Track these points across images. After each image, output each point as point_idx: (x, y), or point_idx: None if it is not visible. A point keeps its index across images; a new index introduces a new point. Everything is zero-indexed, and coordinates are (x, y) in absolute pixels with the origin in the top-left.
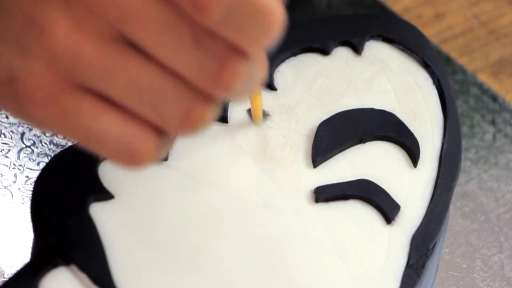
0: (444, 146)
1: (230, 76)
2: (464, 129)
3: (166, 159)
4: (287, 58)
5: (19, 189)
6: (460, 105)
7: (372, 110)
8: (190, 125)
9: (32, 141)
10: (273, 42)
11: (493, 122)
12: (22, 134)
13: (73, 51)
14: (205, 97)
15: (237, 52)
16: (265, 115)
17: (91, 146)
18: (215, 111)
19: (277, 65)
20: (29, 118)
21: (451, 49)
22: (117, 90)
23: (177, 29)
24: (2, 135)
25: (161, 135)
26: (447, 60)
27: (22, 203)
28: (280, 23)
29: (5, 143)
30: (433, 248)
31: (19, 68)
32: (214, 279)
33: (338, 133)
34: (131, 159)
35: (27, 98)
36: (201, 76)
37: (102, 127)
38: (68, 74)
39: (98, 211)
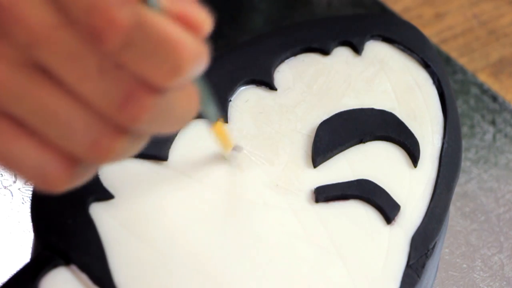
0: (444, 146)
1: (136, 109)
2: (464, 129)
3: (166, 159)
4: (287, 58)
5: (19, 189)
6: (460, 105)
7: (372, 110)
8: (99, 155)
9: None
10: (191, 75)
11: (493, 122)
12: None
13: None
14: (116, 128)
15: (145, 86)
16: (238, 148)
17: (8, 169)
18: (132, 143)
19: (277, 65)
20: None
21: (451, 49)
22: (27, 116)
23: (83, 57)
24: None
25: (75, 162)
26: (447, 60)
27: (22, 203)
28: (194, 58)
29: None
30: (433, 248)
31: None
32: (214, 279)
33: (338, 133)
34: (45, 184)
35: None
36: (106, 106)
37: (16, 152)
38: None
39: (98, 211)
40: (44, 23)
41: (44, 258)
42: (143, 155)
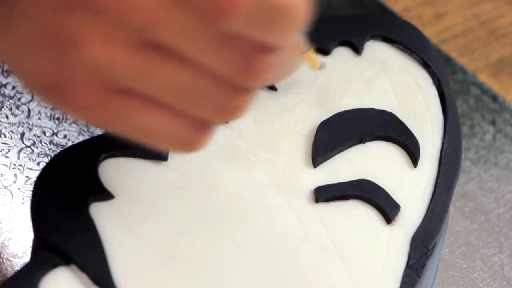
0: (444, 146)
1: (258, 71)
2: (464, 129)
3: (166, 159)
4: None
5: (19, 189)
6: (460, 105)
7: (372, 110)
8: (231, 115)
9: (32, 141)
10: (300, 30)
11: (493, 122)
12: (22, 134)
13: (106, 60)
14: (240, 89)
15: (263, 48)
16: (323, 64)
17: (146, 141)
18: (253, 96)
19: None
20: (81, 118)
21: (451, 49)
22: (155, 92)
23: (201, 33)
24: (2, 135)
25: (208, 125)
26: (447, 60)
27: (22, 203)
28: (303, 14)
29: (5, 143)
30: (433, 248)
31: (61, 76)
32: (214, 279)
33: (338, 133)
34: (185, 148)
35: (75, 104)
36: (230, 72)
37: (152, 125)
38: (108, 81)
39: (98, 211)
40: (159, 7)
41: (44, 258)
42: (143, 155)
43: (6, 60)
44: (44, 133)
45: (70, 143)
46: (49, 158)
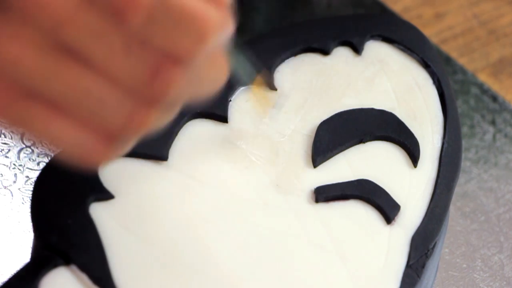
0: (444, 146)
1: (164, 83)
2: (464, 129)
3: (166, 159)
4: (287, 58)
5: (19, 189)
6: (460, 105)
7: (372, 110)
8: (134, 128)
9: (32, 141)
10: (214, 45)
11: (493, 122)
12: (22, 134)
13: (12, 59)
14: (147, 102)
15: (170, 59)
16: (278, 106)
17: (51, 147)
18: (164, 113)
19: (277, 65)
20: None
21: (451, 49)
22: (59, 97)
23: (107, 35)
24: (2, 135)
25: (112, 138)
26: (447, 60)
27: (22, 203)
28: (216, 27)
29: (5, 143)
30: (433, 248)
31: None
32: (214, 279)
33: (338, 133)
34: (86, 160)
35: None
36: (135, 82)
37: (54, 132)
38: (13, 82)
39: (98, 211)
40: (66, 5)
41: (44, 258)
42: (143, 155)
43: None
44: None
45: None
46: (49, 158)
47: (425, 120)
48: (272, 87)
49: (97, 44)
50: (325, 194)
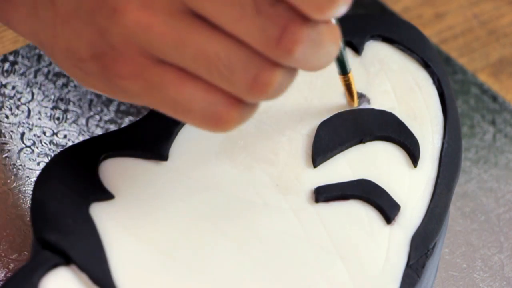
0: (444, 146)
1: (291, 42)
2: (464, 129)
3: (166, 159)
4: None
5: (19, 189)
6: (460, 105)
7: (372, 110)
8: (260, 90)
9: (32, 141)
10: (340, 10)
11: (493, 122)
12: (22, 134)
13: (143, 26)
14: (272, 63)
15: (299, 18)
16: (361, 96)
17: (177, 115)
18: (287, 77)
19: None
20: (116, 91)
21: (451, 49)
22: (188, 61)
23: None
24: (2, 135)
25: (240, 101)
26: (447, 60)
27: (23, 203)
28: None
29: (5, 143)
30: (433, 248)
31: (101, 45)
32: (214, 279)
33: (338, 133)
34: (217, 125)
35: (114, 72)
36: (263, 42)
37: (185, 97)
38: (145, 49)
39: (98, 211)
40: None
41: (44, 258)
42: (143, 155)
43: (43, 41)
44: (44, 133)
45: (70, 143)
46: (49, 158)
47: (425, 120)
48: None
49: (228, 6)
50: (325, 194)
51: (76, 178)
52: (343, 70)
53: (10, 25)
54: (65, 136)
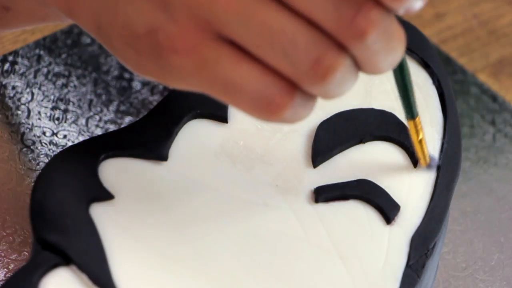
0: (444, 146)
1: (364, 24)
2: (464, 129)
3: (166, 159)
4: None
5: (19, 189)
6: (460, 105)
7: (372, 110)
8: (320, 73)
9: (32, 141)
10: (414, 4)
11: (493, 122)
12: (22, 135)
13: None
14: (338, 47)
15: (376, 3)
16: (433, 160)
17: (227, 97)
18: (350, 74)
19: None
20: (167, 70)
21: (451, 49)
22: (251, 36)
23: None
24: (3, 135)
25: (296, 88)
26: (447, 60)
27: (23, 203)
28: None
29: (5, 143)
30: (433, 248)
31: (160, 19)
32: (214, 279)
33: (338, 133)
34: (267, 110)
35: (168, 47)
36: (335, 21)
37: (240, 76)
38: (206, 23)
39: (98, 211)
40: None
41: (44, 258)
42: (143, 155)
43: (102, 22)
44: (44, 133)
45: (70, 143)
46: (49, 158)
47: (425, 120)
48: None
49: None
50: (325, 194)
51: (76, 178)
52: (409, 111)
53: (73, 12)
54: (65, 136)
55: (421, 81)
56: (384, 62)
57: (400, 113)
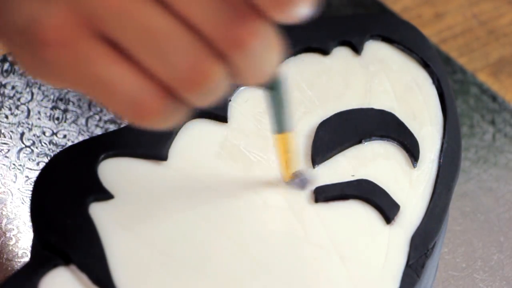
0: (444, 146)
1: (245, 34)
2: (464, 129)
3: (166, 159)
4: (287, 57)
5: (19, 189)
6: (460, 105)
7: (371, 110)
8: (194, 80)
9: (32, 141)
10: (299, 13)
11: (492, 122)
12: (22, 134)
13: None
14: (216, 54)
15: (256, 11)
16: (303, 181)
17: (98, 97)
18: (224, 82)
19: None
20: (42, 65)
21: (451, 49)
22: (128, 34)
23: None
24: (2, 135)
25: (170, 94)
26: (447, 60)
27: (22, 203)
28: None
29: (5, 143)
30: (432, 248)
31: (39, 12)
32: (214, 279)
33: (337, 133)
34: (137, 113)
35: (41, 40)
36: (215, 28)
37: (111, 76)
38: (85, 18)
39: (98, 211)
40: None
41: (44, 258)
42: (143, 155)
43: None
44: (43, 133)
45: (69, 143)
46: (49, 158)
47: (425, 120)
48: None
49: None
50: (324, 194)
51: (75, 178)
52: (279, 125)
53: None
54: (64, 136)
55: (421, 81)
56: (260, 72)
57: (400, 113)
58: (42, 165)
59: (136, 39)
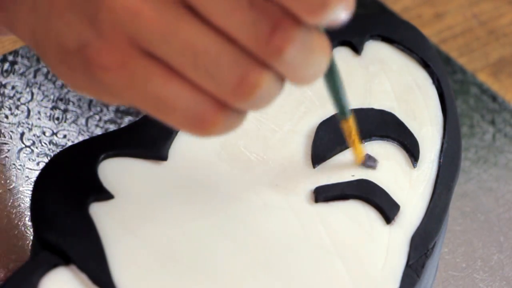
0: (444, 146)
1: (282, 40)
2: (464, 129)
3: (166, 159)
4: None
5: (19, 189)
6: (460, 105)
7: (372, 110)
8: (245, 92)
9: (32, 141)
10: (333, 15)
11: (492, 122)
12: (22, 134)
13: (132, 12)
14: (261, 64)
15: (291, 18)
16: (372, 160)
17: (159, 114)
18: (276, 86)
19: None
20: (99, 87)
21: (451, 49)
22: (173, 54)
23: None
24: (2, 135)
25: (226, 106)
26: (447, 60)
27: (22, 203)
28: (343, 3)
29: (5, 143)
30: (432, 248)
31: (89, 35)
32: (214, 279)
33: (338, 133)
34: (200, 127)
35: (97, 63)
36: (253, 38)
37: (171, 94)
38: (132, 39)
39: (98, 211)
40: None
41: (44, 258)
42: (143, 155)
43: (38, 39)
44: (43, 133)
45: (69, 143)
46: (49, 158)
47: (425, 120)
48: None
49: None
50: (324, 194)
51: (75, 178)
52: (342, 111)
53: (14, 27)
54: (64, 136)
55: (421, 81)
56: (308, 74)
57: (399, 113)
58: (42, 165)
59: (181, 58)
